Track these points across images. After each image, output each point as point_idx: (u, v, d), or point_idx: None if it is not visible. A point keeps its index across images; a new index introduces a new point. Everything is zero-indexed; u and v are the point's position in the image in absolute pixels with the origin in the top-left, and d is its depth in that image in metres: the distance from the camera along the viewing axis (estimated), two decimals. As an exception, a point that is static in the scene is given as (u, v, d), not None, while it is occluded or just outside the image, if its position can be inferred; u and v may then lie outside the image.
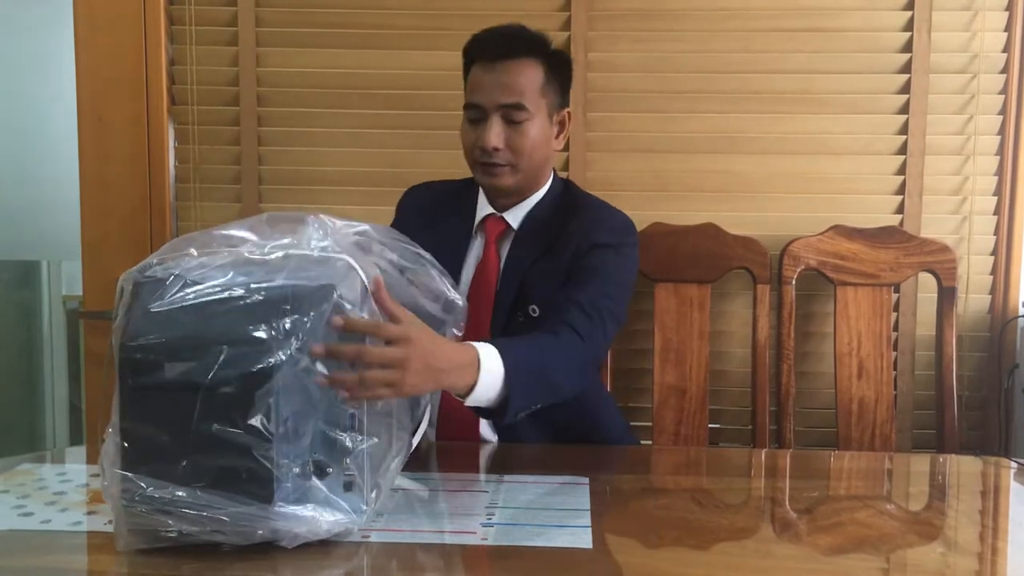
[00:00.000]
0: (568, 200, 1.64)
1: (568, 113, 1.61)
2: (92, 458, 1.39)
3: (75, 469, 1.29)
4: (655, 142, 2.16)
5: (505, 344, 1.25)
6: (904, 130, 2.13)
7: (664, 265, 2.08)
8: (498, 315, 1.55)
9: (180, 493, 0.92)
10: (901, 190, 2.13)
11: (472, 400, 1.21)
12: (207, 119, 2.21)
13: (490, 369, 1.20)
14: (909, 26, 2.11)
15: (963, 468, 1.51)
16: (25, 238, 2.79)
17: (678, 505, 1.20)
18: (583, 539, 1.02)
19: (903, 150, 2.13)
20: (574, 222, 1.57)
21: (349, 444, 0.99)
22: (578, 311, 1.44)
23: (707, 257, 2.07)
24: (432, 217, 1.64)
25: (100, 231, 2.20)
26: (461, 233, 1.62)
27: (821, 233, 2.08)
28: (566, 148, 2.15)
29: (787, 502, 1.28)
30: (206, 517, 0.92)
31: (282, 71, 2.20)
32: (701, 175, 2.16)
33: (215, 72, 2.20)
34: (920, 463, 1.61)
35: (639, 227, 2.08)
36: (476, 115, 1.54)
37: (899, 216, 2.13)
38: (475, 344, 1.21)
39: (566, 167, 2.16)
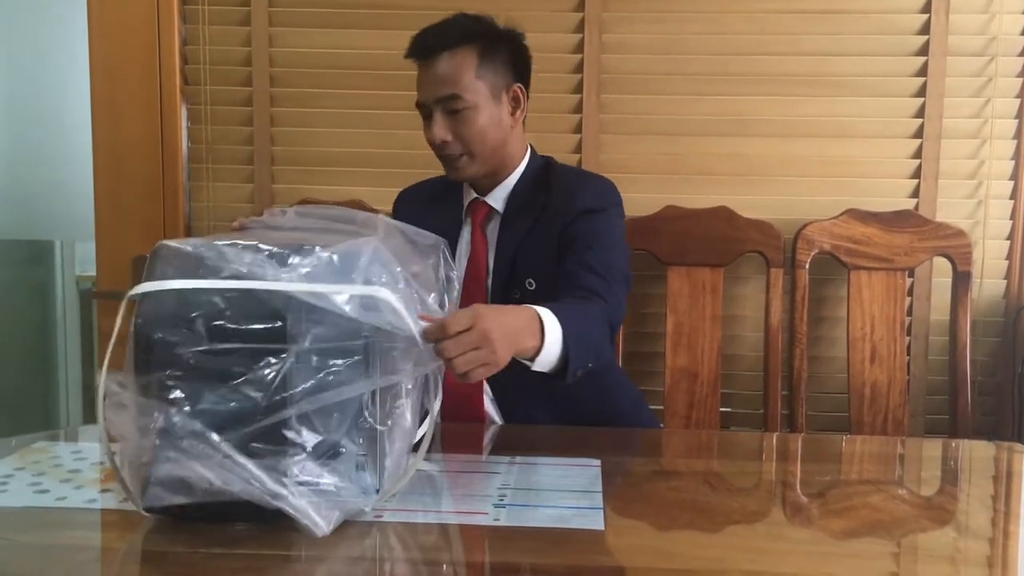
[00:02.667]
0: (549, 175, 1.65)
1: (519, 88, 1.59)
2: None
3: (89, 447, 1.30)
4: (668, 125, 2.15)
5: (553, 305, 1.28)
6: (920, 113, 2.11)
7: (677, 248, 2.07)
8: (494, 296, 1.58)
9: (214, 436, 0.93)
10: (916, 174, 2.12)
11: (539, 363, 1.24)
12: (220, 99, 2.21)
13: (551, 327, 1.23)
14: (927, 8, 2.09)
15: (976, 453, 1.50)
16: (38, 218, 2.80)
17: (690, 488, 1.20)
18: (595, 521, 1.02)
19: (919, 133, 2.11)
20: (555, 192, 1.59)
21: (364, 424, 0.99)
22: (593, 275, 1.47)
23: (720, 240, 2.06)
24: (424, 217, 1.61)
25: (113, 211, 2.20)
26: (451, 224, 1.64)
27: (835, 217, 2.06)
28: (578, 130, 2.14)
29: (799, 486, 1.27)
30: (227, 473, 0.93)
31: (295, 51, 2.19)
32: (715, 158, 2.15)
33: (228, 52, 2.20)
34: (933, 448, 1.60)
35: (652, 210, 2.09)
36: (425, 112, 1.57)
37: (914, 200, 2.12)
38: (529, 306, 1.24)
39: (579, 149, 2.15)
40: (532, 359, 1.23)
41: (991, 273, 2.14)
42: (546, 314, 1.24)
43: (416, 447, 1.08)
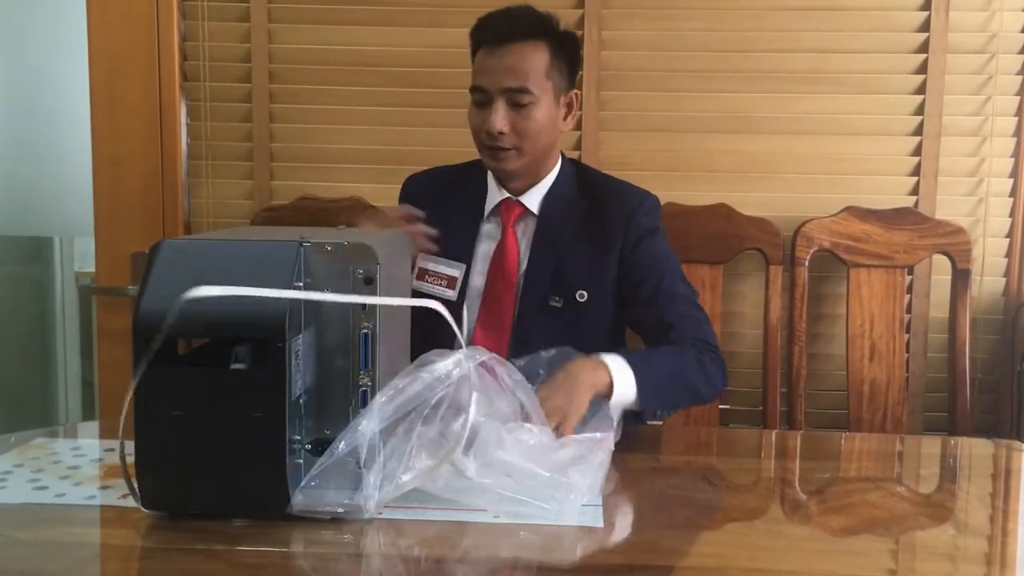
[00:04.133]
0: (586, 181, 1.65)
1: (576, 94, 1.60)
2: (105, 433, 1.40)
3: (88, 444, 1.30)
4: (668, 122, 2.15)
5: (627, 352, 1.37)
6: (920, 111, 2.10)
7: (676, 245, 2.03)
8: (527, 300, 1.57)
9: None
10: (916, 171, 2.12)
11: (615, 402, 1.31)
12: (219, 96, 2.21)
13: (619, 367, 1.33)
14: (927, 5, 2.08)
15: (975, 451, 1.50)
16: (37, 214, 2.79)
17: (689, 485, 1.20)
18: (594, 518, 1.02)
19: (919, 131, 2.11)
20: (610, 206, 1.59)
21: (363, 423, 0.99)
22: (688, 322, 1.53)
23: (719, 238, 2.06)
24: (438, 204, 1.63)
25: (112, 207, 2.20)
26: (470, 217, 1.62)
27: (835, 214, 2.06)
28: (578, 127, 2.14)
29: (798, 483, 1.28)
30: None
31: (295, 47, 2.19)
32: (714, 155, 2.15)
33: (227, 48, 2.20)
34: (932, 445, 1.61)
35: (651, 207, 2.09)
36: (482, 98, 1.53)
37: (914, 197, 2.12)
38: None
39: (579, 146, 2.15)
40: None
41: (991, 271, 2.13)
42: (613, 358, 1.34)
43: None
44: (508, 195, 1.61)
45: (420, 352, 1.06)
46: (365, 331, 1.00)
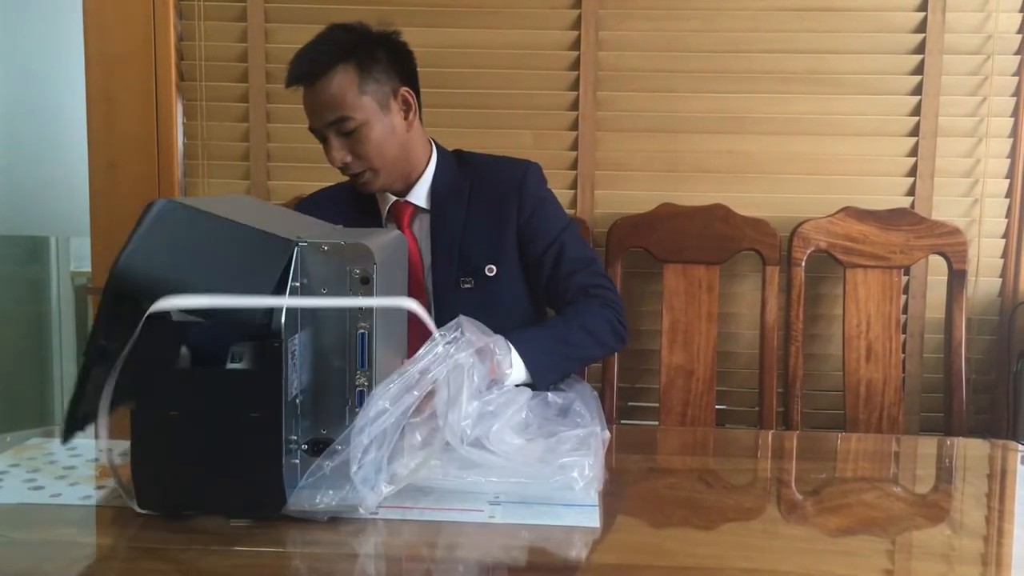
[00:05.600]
0: (466, 165, 1.69)
1: (406, 91, 1.58)
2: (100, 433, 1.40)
3: (84, 444, 1.29)
4: (665, 122, 2.15)
5: (516, 333, 1.38)
6: (916, 111, 2.11)
7: (673, 246, 2.07)
8: (439, 288, 1.62)
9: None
10: (912, 172, 2.12)
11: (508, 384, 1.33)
12: (216, 95, 2.21)
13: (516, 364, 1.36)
14: (923, 6, 2.09)
15: (971, 451, 1.50)
16: (33, 214, 2.79)
17: (685, 485, 1.20)
18: (590, 518, 1.02)
19: (915, 132, 2.11)
20: (496, 181, 1.64)
21: (359, 422, 0.98)
22: (583, 279, 1.59)
23: (716, 238, 2.07)
24: (336, 221, 1.66)
25: (108, 207, 2.20)
26: (370, 227, 1.63)
27: (831, 215, 2.07)
28: (575, 127, 2.14)
29: (794, 483, 1.28)
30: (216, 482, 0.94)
31: (291, 47, 2.15)
32: (711, 156, 2.15)
33: (224, 48, 2.19)
34: (927, 446, 1.61)
35: (648, 208, 2.09)
36: (319, 137, 1.57)
37: (910, 198, 2.12)
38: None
39: (575, 146, 2.15)
40: None
41: (986, 271, 2.14)
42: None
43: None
44: (395, 198, 1.65)
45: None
46: (362, 331, 1.00)
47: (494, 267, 1.61)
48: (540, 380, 1.38)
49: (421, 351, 1.02)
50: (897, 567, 0.98)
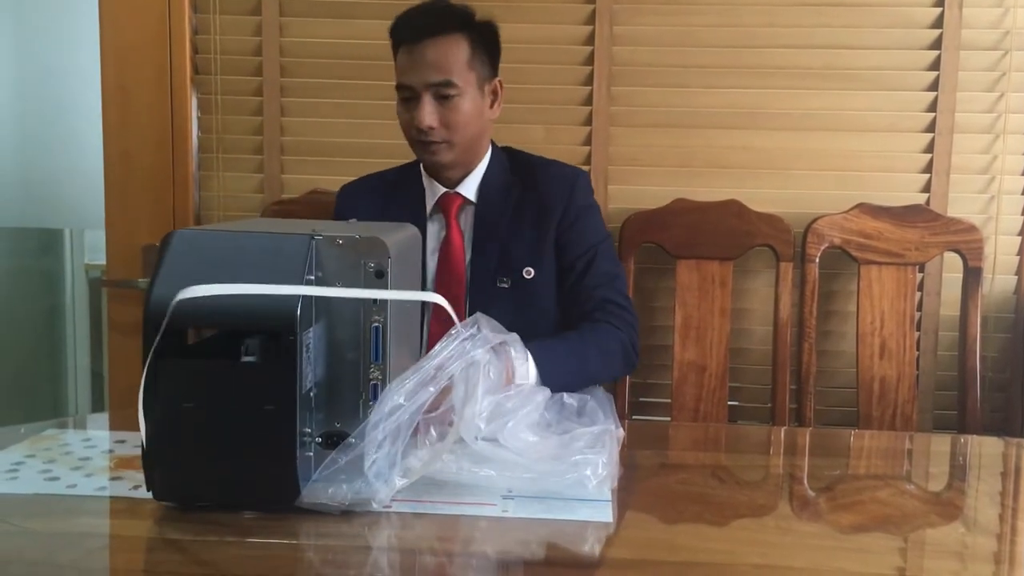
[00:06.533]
0: (518, 164, 1.71)
1: (499, 82, 1.65)
2: (115, 425, 1.41)
3: (99, 435, 1.31)
4: (679, 117, 2.14)
5: (534, 343, 1.35)
6: (933, 107, 2.10)
7: (686, 242, 2.06)
8: (476, 284, 1.63)
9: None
10: (928, 168, 2.11)
11: None
12: (230, 89, 2.21)
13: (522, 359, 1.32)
14: (940, 1, 2.07)
15: (984, 449, 1.50)
16: (48, 207, 2.81)
17: (698, 481, 1.20)
18: (603, 513, 1.02)
19: (931, 128, 2.10)
20: (546, 187, 1.66)
21: (373, 417, 0.99)
22: (605, 293, 1.60)
23: (730, 234, 2.06)
24: (378, 211, 1.69)
25: (123, 200, 2.20)
26: (414, 218, 1.62)
27: (846, 211, 2.06)
28: (588, 122, 2.13)
29: (807, 480, 1.27)
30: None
31: (306, 41, 2.19)
32: (725, 151, 2.14)
33: (239, 42, 2.20)
34: (941, 443, 1.60)
35: (662, 203, 2.09)
36: (408, 95, 1.57)
37: (925, 195, 2.11)
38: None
39: (588, 141, 2.14)
40: None
41: (1002, 269, 2.12)
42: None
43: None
44: (445, 189, 1.66)
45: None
46: (376, 324, 1.01)
47: (532, 271, 1.62)
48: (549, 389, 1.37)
49: (438, 346, 1.03)
50: (910, 564, 0.97)
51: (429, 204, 1.68)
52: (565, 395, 1.22)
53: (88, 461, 1.16)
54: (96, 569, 0.90)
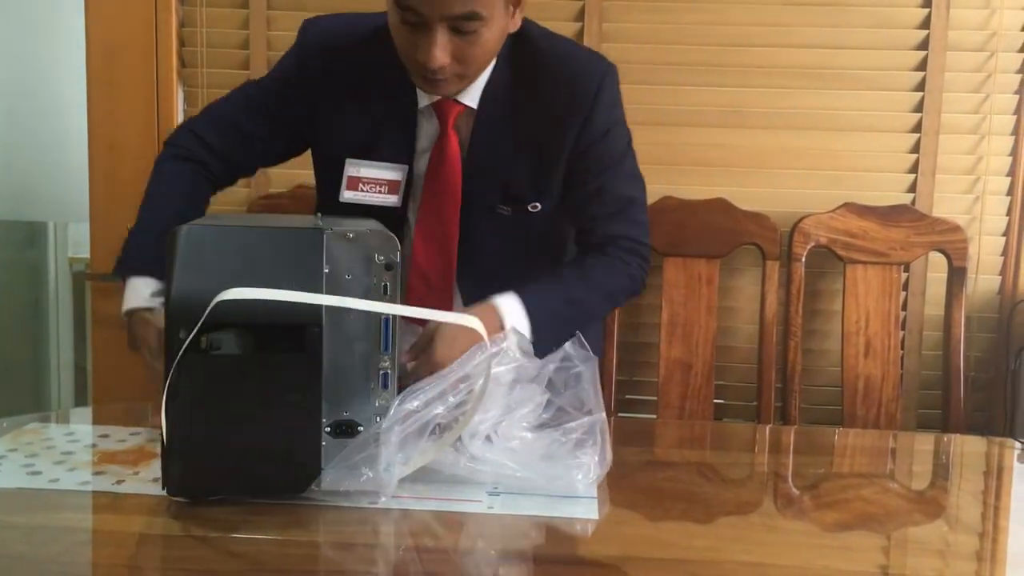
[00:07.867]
0: (527, 59, 1.40)
1: None
2: (98, 419, 1.40)
3: (82, 429, 1.30)
4: (666, 115, 2.14)
5: (525, 291, 1.29)
6: (919, 108, 2.10)
7: (673, 239, 2.07)
8: (472, 207, 1.41)
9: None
10: (914, 168, 2.12)
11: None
12: (217, 82, 2.20)
13: (513, 311, 1.27)
14: (927, 2, 2.08)
15: (968, 448, 1.51)
16: (32, 199, 2.78)
17: (683, 478, 1.21)
18: (589, 510, 1.02)
19: (917, 128, 2.11)
20: (556, 94, 1.39)
21: (379, 404, 1.01)
22: (619, 239, 1.45)
23: (717, 232, 2.06)
24: (353, 87, 1.43)
25: (108, 193, 2.19)
26: (402, 108, 1.41)
27: (832, 210, 2.06)
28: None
29: (791, 478, 1.28)
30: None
31: (293, 35, 2.16)
32: (712, 149, 2.14)
33: (225, 35, 2.19)
34: (925, 442, 1.61)
35: (649, 201, 2.07)
36: (414, 19, 1.23)
37: (911, 195, 2.12)
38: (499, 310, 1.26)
39: (577, 138, 2.14)
40: None
41: (986, 269, 2.14)
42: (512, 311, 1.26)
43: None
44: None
45: None
46: (386, 316, 1.02)
47: (539, 204, 1.42)
48: (540, 345, 1.20)
49: (464, 357, 1.04)
50: (893, 562, 0.98)
51: (422, 100, 1.41)
52: (551, 367, 1.11)
53: (71, 455, 1.15)
54: (79, 564, 0.89)
